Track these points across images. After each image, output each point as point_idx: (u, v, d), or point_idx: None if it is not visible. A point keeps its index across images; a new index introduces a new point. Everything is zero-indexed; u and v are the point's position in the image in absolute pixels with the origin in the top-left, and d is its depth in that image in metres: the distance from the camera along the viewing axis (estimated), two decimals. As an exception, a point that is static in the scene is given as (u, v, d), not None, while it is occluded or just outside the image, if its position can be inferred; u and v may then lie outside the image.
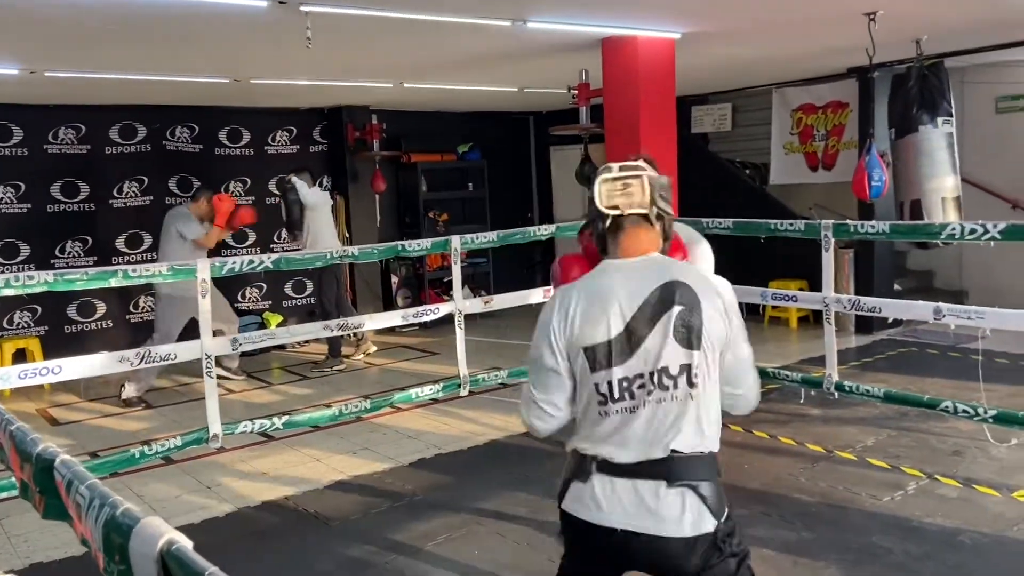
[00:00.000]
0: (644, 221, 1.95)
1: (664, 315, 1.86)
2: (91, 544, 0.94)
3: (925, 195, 5.67)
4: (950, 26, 5.34)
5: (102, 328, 7.32)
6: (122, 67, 5.40)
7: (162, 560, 0.78)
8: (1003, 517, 3.63)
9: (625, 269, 1.93)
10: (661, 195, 1.98)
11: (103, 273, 3.42)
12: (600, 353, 1.88)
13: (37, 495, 1.12)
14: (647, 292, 1.88)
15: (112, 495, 0.94)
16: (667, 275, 1.90)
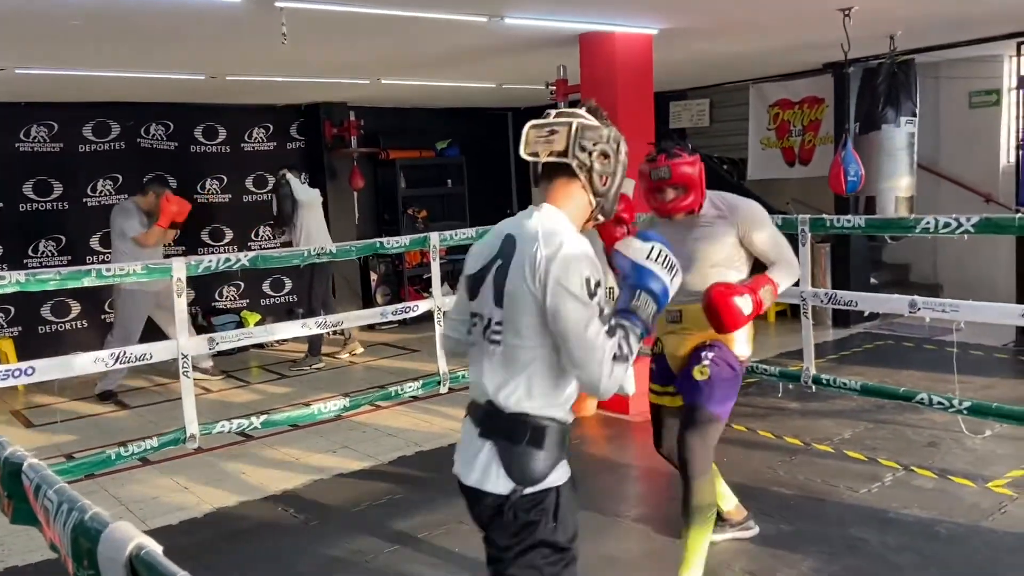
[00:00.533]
0: (564, 170, 1.88)
1: (492, 265, 1.89)
2: (60, 549, 0.93)
3: (880, 193, 5.75)
4: (924, 21, 5.39)
5: (77, 328, 7.23)
6: (95, 64, 5.33)
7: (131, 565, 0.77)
8: (978, 507, 3.67)
9: (517, 216, 1.94)
10: (589, 144, 1.86)
11: (76, 273, 3.37)
12: (469, 284, 1.96)
13: (5, 499, 1.10)
14: (497, 240, 1.91)
15: (80, 499, 0.92)
16: (516, 227, 1.89)
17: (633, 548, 3.57)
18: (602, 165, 1.88)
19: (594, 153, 1.87)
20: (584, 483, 4.22)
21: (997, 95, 7.60)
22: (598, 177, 1.89)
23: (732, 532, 3.47)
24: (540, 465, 1.82)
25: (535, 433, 1.83)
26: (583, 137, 1.86)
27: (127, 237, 6.12)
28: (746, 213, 3.00)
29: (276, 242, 8.32)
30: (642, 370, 5.23)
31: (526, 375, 1.83)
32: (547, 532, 1.82)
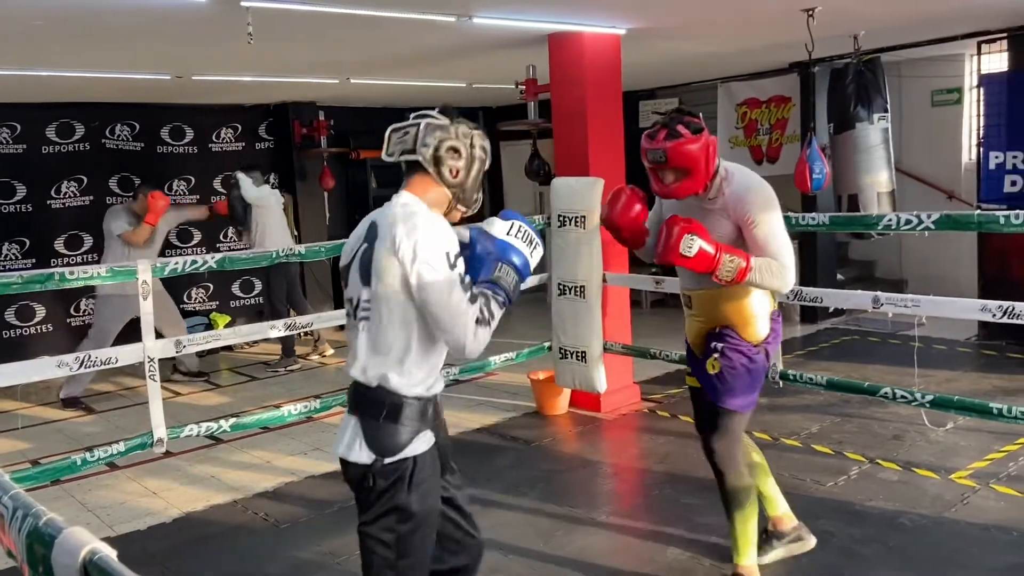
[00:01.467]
0: (416, 166, 2.08)
1: (358, 250, 2.07)
2: (16, 556, 0.92)
3: (862, 190, 5.83)
4: (886, 21, 5.47)
5: (42, 332, 7.11)
6: (59, 64, 5.25)
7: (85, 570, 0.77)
8: (941, 499, 3.75)
9: (381, 208, 2.11)
10: (434, 141, 2.06)
11: (39, 276, 3.31)
12: (343, 275, 2.15)
13: None
14: (363, 229, 2.10)
15: (36, 505, 0.91)
16: (378, 215, 2.08)
17: (605, 544, 3.59)
18: (452, 159, 2.08)
19: (441, 148, 2.06)
20: (556, 480, 4.27)
21: (959, 94, 7.74)
22: (447, 170, 2.08)
23: (782, 548, 3.22)
24: (398, 438, 2.00)
25: (392, 409, 2.00)
26: (429, 135, 2.06)
27: (115, 236, 6.06)
28: (744, 201, 2.70)
29: (243, 244, 8.25)
30: (617, 368, 5.31)
31: (390, 353, 2.00)
32: (402, 498, 2.00)
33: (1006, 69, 6.26)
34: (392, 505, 2.00)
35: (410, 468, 2.00)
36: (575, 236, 5.01)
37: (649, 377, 5.89)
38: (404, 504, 2.00)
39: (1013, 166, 6.10)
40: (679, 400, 5.50)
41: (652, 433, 4.96)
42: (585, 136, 5.21)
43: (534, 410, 5.46)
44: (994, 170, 6.22)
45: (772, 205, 2.73)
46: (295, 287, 7.15)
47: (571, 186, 5.06)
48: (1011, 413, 3.43)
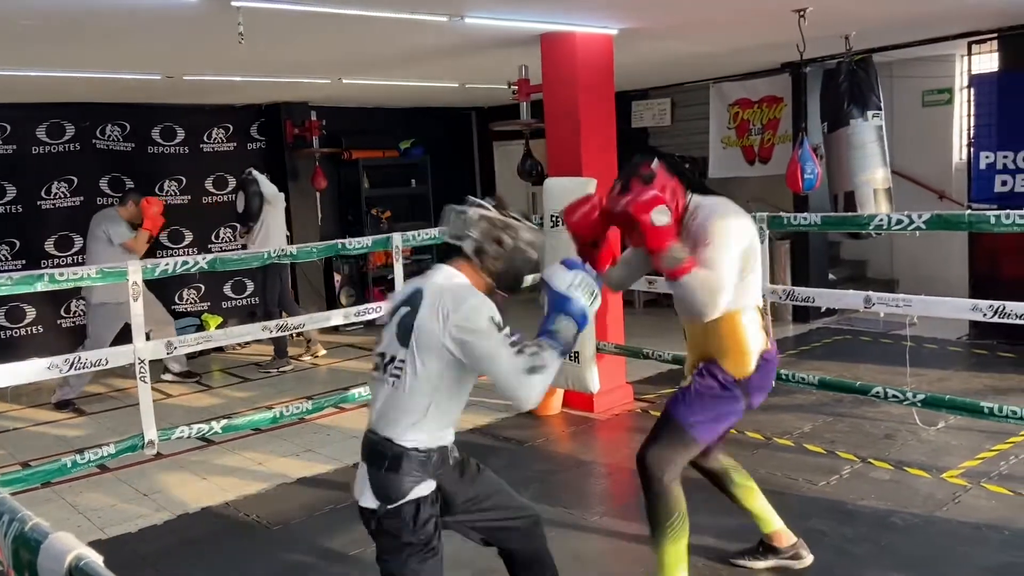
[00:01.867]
0: (462, 251, 2.27)
1: (397, 312, 2.23)
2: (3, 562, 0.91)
3: (858, 187, 5.85)
4: (877, 22, 5.49)
5: (32, 334, 7.08)
6: (49, 64, 5.22)
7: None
8: (933, 498, 3.76)
9: (424, 274, 2.32)
10: (479, 232, 2.24)
11: (28, 277, 3.29)
12: (380, 331, 2.31)
13: None
14: (408, 292, 2.26)
15: (22, 510, 0.90)
16: (421, 283, 2.25)
17: (597, 546, 3.59)
18: (494, 250, 2.24)
19: (484, 240, 2.23)
20: (549, 481, 4.27)
21: (949, 94, 7.76)
22: (490, 260, 2.25)
23: (774, 560, 3.17)
24: (399, 486, 2.16)
25: (394, 460, 2.16)
26: (474, 225, 2.24)
27: (113, 244, 6.02)
28: (703, 227, 2.63)
29: (237, 244, 8.22)
30: (610, 369, 5.31)
31: (408, 414, 2.15)
32: (408, 535, 2.18)
33: (996, 69, 6.29)
34: (401, 542, 2.19)
35: (413, 510, 2.17)
36: (568, 236, 4.98)
37: (642, 377, 5.89)
38: (412, 540, 2.18)
39: (1004, 166, 6.13)
40: (672, 400, 5.51)
41: (645, 433, 4.87)
42: (578, 136, 5.21)
43: (528, 410, 5.44)
44: (984, 170, 6.24)
45: (729, 236, 2.59)
46: (286, 289, 7.13)
47: (564, 186, 5.05)
48: (1002, 412, 3.45)
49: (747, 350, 2.71)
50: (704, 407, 2.76)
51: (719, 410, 2.77)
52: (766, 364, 2.76)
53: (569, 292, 2.22)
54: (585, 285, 2.24)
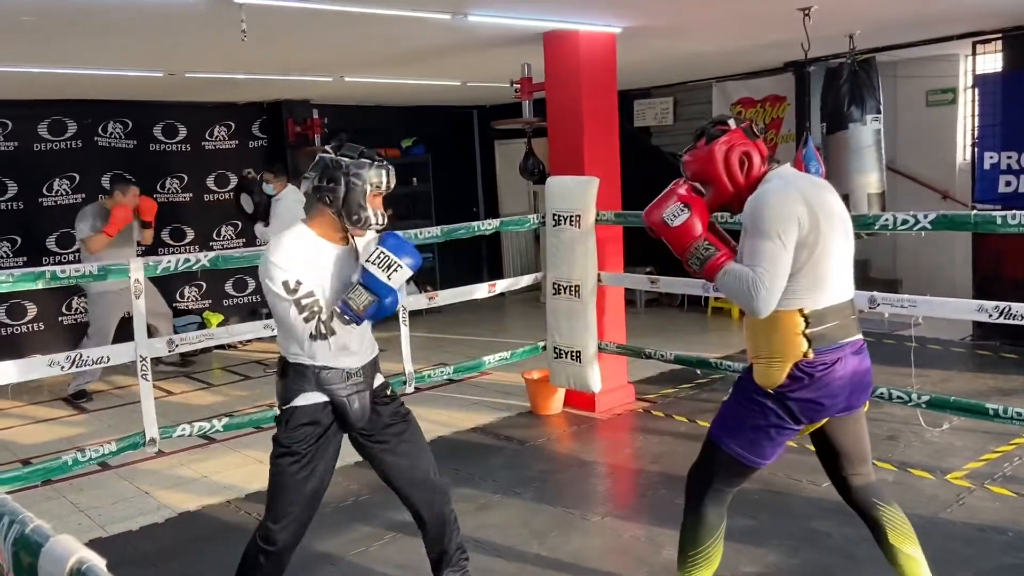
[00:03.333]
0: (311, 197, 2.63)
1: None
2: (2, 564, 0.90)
3: (853, 191, 5.84)
4: (882, 21, 5.47)
5: (34, 331, 7.07)
6: (50, 61, 5.21)
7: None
8: (937, 499, 3.74)
9: None
10: (315, 173, 2.55)
11: (30, 274, 3.28)
12: None
13: None
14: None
15: (22, 512, 0.89)
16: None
17: (600, 545, 3.57)
18: (328, 187, 2.48)
19: (321, 180, 2.49)
20: (550, 480, 4.26)
21: (953, 94, 7.75)
22: (327, 196, 2.49)
23: None
24: (283, 392, 2.58)
25: (282, 370, 2.60)
26: (313, 168, 2.54)
27: (76, 238, 6.09)
28: (747, 212, 2.40)
29: (238, 242, 8.21)
30: (612, 367, 5.29)
31: (284, 336, 2.59)
32: (279, 432, 2.59)
33: (1001, 69, 6.27)
34: (274, 436, 2.61)
35: (288, 414, 2.56)
36: (569, 235, 4.99)
37: (643, 377, 5.88)
38: (279, 438, 2.58)
39: (1008, 166, 6.11)
40: (673, 400, 5.50)
41: (646, 433, 4.95)
42: (580, 135, 5.20)
43: (528, 410, 5.44)
44: (988, 170, 6.23)
45: (767, 221, 2.31)
46: None
47: (566, 185, 5.04)
48: (1007, 414, 3.43)
49: (776, 356, 2.40)
50: (735, 424, 2.53)
51: (750, 423, 2.49)
52: (809, 376, 2.38)
53: (367, 265, 2.46)
54: (381, 258, 2.46)
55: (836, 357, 2.39)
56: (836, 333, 2.40)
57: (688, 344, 6.53)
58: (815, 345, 2.37)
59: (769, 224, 2.31)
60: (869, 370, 2.51)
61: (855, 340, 2.45)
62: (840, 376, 2.41)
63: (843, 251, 2.45)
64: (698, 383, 5.79)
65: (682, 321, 8.09)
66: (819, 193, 2.43)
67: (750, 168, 2.45)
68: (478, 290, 5.40)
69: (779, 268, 2.31)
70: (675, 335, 7.23)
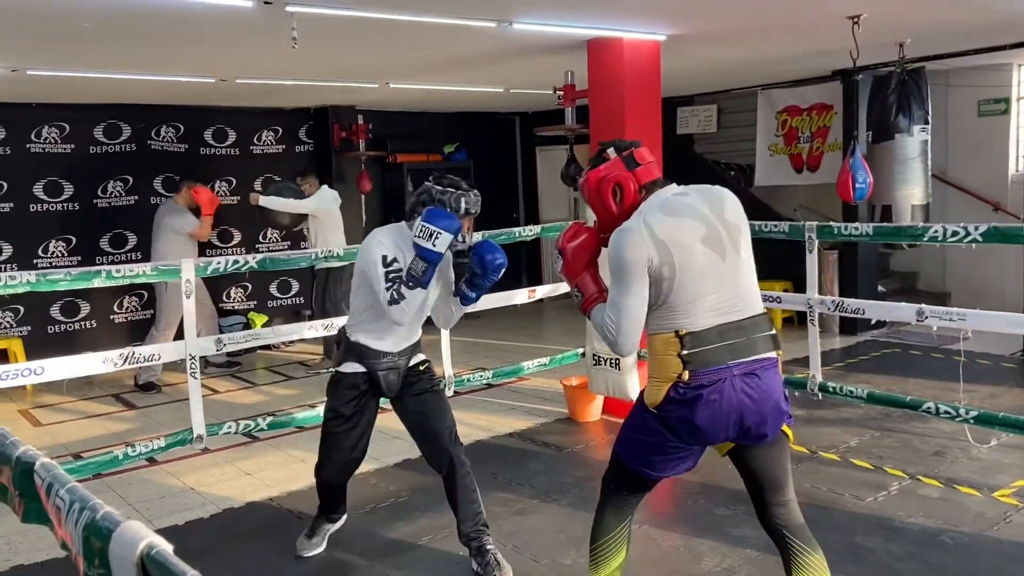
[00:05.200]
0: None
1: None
2: (71, 548, 0.94)
3: (896, 201, 5.76)
4: (933, 30, 5.38)
5: (86, 328, 7.27)
6: (107, 66, 5.37)
7: (142, 564, 0.78)
8: (984, 517, 3.66)
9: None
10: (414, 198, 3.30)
11: (86, 273, 3.39)
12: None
13: (17, 499, 1.11)
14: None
15: (92, 499, 0.93)
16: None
17: (638, 554, 3.55)
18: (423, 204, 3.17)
19: (420, 200, 3.20)
20: (588, 488, 4.25)
21: (1006, 104, 7.59)
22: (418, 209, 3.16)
23: None
24: (337, 359, 3.33)
25: (338, 342, 3.34)
26: (416, 191, 3.27)
27: (180, 234, 6.37)
28: (608, 254, 2.44)
29: (283, 244, 8.36)
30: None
31: (351, 312, 3.32)
32: (328, 393, 3.34)
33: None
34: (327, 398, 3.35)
35: (336, 377, 3.30)
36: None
37: (684, 386, 5.84)
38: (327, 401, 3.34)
39: (1063, 178, 5.96)
40: (714, 410, 5.45)
41: (686, 442, 4.91)
42: (624, 142, 5.19)
43: (566, 416, 5.44)
44: (1043, 182, 6.08)
45: (615, 265, 2.36)
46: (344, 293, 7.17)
47: (609, 192, 5.03)
48: (1059, 431, 3.35)
49: (656, 376, 2.41)
50: (627, 434, 2.57)
51: (640, 438, 2.50)
52: (683, 398, 2.33)
53: (415, 241, 2.99)
54: (422, 230, 2.97)
55: (717, 379, 2.31)
56: (719, 355, 2.32)
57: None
58: (691, 367, 2.31)
59: (618, 269, 2.35)
60: (771, 394, 2.35)
61: (747, 362, 2.33)
62: (719, 399, 2.32)
63: (723, 270, 2.35)
64: (739, 393, 5.73)
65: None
66: (676, 220, 2.35)
67: (624, 197, 2.46)
68: (518, 295, 5.43)
69: (629, 314, 2.36)
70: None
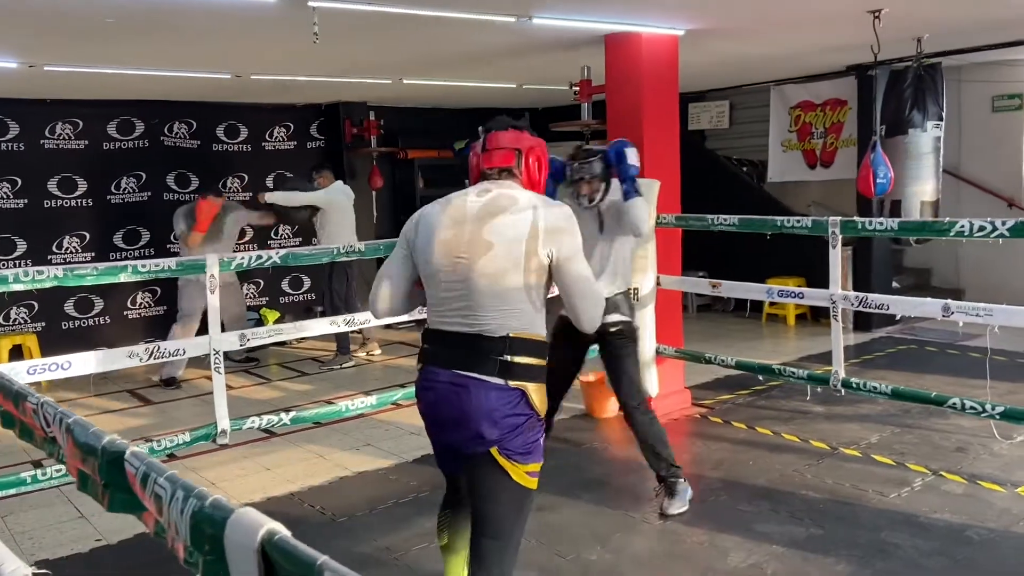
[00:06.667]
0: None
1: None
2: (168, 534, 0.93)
3: (906, 197, 5.75)
4: (953, 24, 5.36)
5: (99, 324, 7.28)
6: (125, 62, 5.37)
7: (263, 550, 0.78)
8: (1009, 512, 3.65)
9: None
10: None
11: (113, 268, 3.39)
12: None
13: (101, 488, 1.10)
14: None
15: (196, 487, 0.93)
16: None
17: (663, 550, 3.56)
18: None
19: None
20: (610, 484, 4.25)
21: (1020, 100, 7.56)
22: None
23: None
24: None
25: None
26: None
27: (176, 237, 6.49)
28: None
29: (295, 241, 8.36)
30: (668, 372, 5.26)
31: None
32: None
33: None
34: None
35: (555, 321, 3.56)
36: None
37: (699, 383, 5.84)
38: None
39: (1080, 173, 5.93)
40: (731, 407, 5.44)
41: (704, 439, 4.91)
42: (640, 138, 5.17)
43: (584, 412, 5.43)
44: (1060, 177, 6.05)
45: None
46: (352, 287, 7.19)
47: (627, 188, 5.02)
48: (1087, 427, 3.33)
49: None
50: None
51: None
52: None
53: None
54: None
55: (423, 380, 2.46)
56: (429, 357, 2.44)
57: (742, 350, 6.47)
58: (420, 362, 2.49)
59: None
60: (461, 417, 2.34)
61: (444, 373, 2.37)
62: (423, 399, 2.47)
63: (462, 278, 2.36)
64: (755, 389, 5.72)
65: (734, 326, 8.01)
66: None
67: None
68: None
69: (382, 271, 2.57)
70: (729, 341, 7.16)
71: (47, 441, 1.33)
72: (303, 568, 0.75)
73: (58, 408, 1.28)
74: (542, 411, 2.38)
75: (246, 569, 0.78)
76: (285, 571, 0.77)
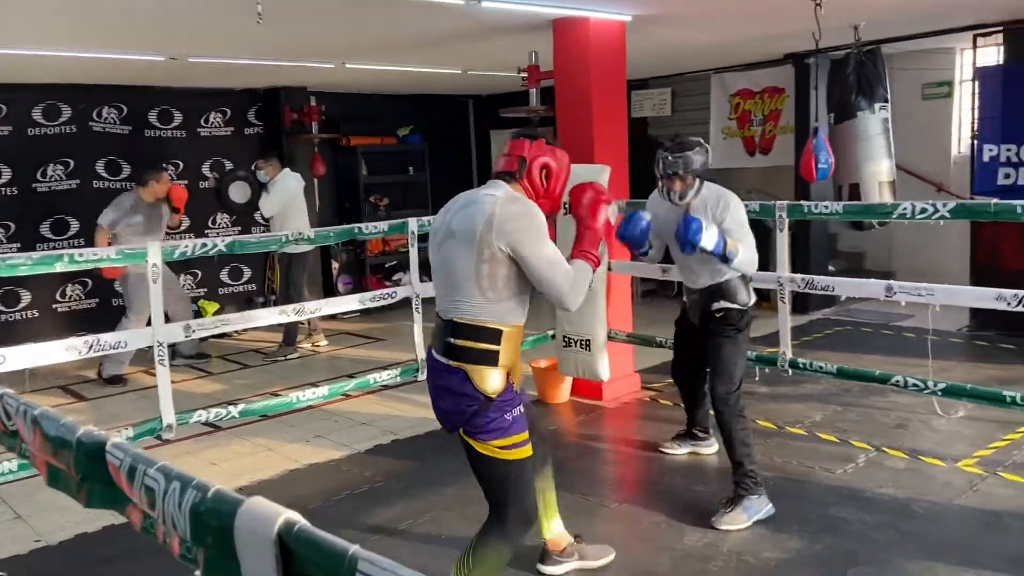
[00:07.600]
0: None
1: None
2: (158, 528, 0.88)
3: (864, 180, 5.87)
4: (888, 12, 5.50)
5: (28, 318, 6.96)
6: (52, 42, 5.11)
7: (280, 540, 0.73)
8: (951, 486, 3.79)
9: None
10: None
11: (48, 257, 3.22)
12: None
13: (77, 483, 1.03)
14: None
15: (195, 477, 0.87)
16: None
17: (621, 532, 3.58)
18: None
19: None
20: (564, 468, 4.25)
21: (949, 87, 7.82)
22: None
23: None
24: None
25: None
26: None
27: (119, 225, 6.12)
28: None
29: (234, 229, 8.13)
30: (618, 356, 5.30)
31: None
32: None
33: (1002, 62, 6.33)
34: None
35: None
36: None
37: (648, 366, 5.89)
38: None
39: (1007, 159, 6.17)
40: (680, 389, 5.51)
41: (655, 421, 4.96)
42: (590, 123, 5.18)
43: (536, 398, 5.43)
44: (988, 163, 6.29)
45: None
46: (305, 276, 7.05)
47: (577, 174, 4.95)
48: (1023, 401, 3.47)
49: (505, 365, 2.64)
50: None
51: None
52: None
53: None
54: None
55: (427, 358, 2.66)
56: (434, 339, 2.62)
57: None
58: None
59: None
60: (434, 395, 2.59)
61: (430, 353, 2.61)
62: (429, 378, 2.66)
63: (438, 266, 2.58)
64: (702, 372, 5.81)
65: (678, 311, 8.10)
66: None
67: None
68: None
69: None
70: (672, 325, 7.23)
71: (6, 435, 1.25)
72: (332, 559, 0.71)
73: (20, 399, 1.20)
74: (492, 392, 2.46)
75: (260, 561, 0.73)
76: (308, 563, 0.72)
